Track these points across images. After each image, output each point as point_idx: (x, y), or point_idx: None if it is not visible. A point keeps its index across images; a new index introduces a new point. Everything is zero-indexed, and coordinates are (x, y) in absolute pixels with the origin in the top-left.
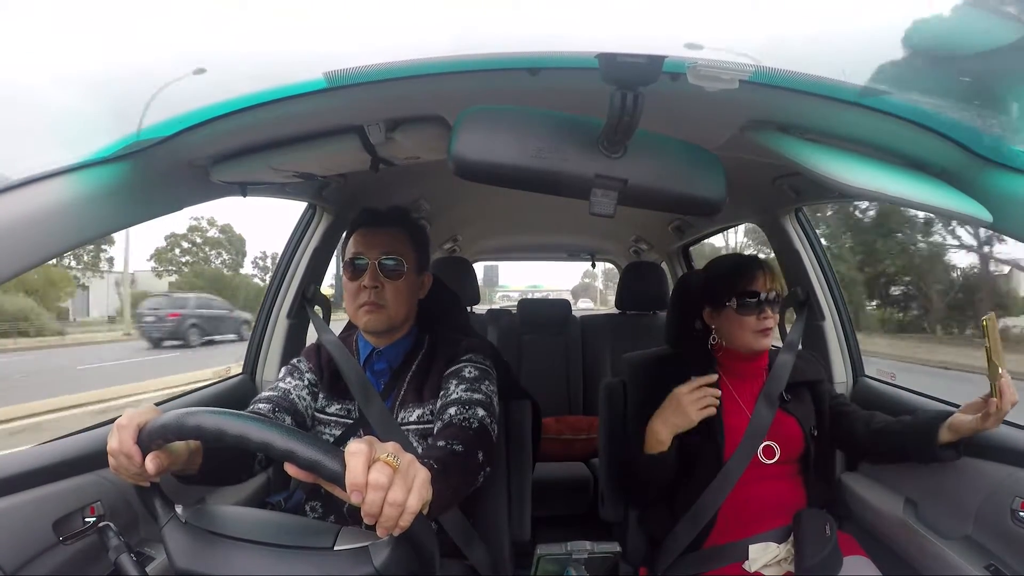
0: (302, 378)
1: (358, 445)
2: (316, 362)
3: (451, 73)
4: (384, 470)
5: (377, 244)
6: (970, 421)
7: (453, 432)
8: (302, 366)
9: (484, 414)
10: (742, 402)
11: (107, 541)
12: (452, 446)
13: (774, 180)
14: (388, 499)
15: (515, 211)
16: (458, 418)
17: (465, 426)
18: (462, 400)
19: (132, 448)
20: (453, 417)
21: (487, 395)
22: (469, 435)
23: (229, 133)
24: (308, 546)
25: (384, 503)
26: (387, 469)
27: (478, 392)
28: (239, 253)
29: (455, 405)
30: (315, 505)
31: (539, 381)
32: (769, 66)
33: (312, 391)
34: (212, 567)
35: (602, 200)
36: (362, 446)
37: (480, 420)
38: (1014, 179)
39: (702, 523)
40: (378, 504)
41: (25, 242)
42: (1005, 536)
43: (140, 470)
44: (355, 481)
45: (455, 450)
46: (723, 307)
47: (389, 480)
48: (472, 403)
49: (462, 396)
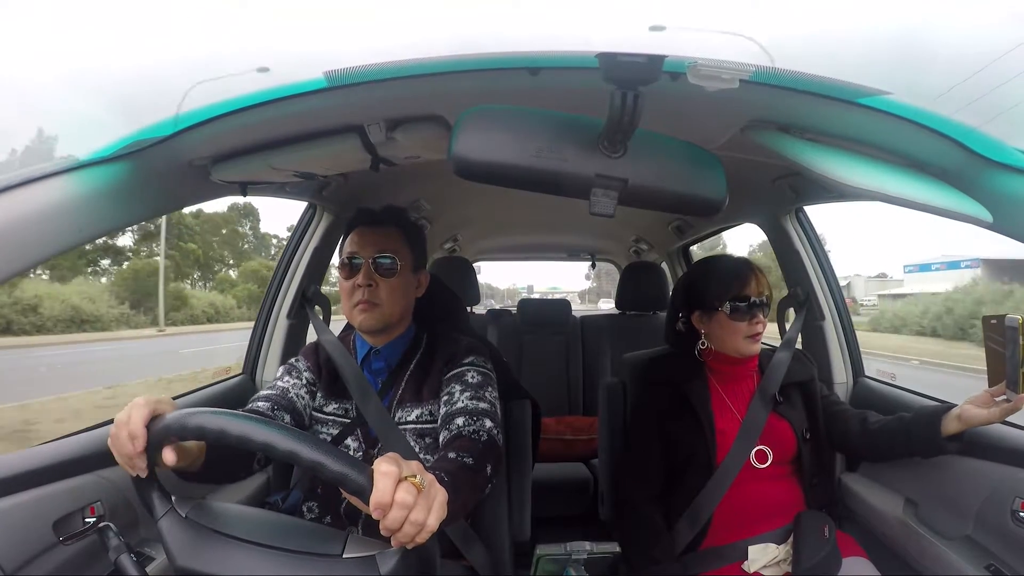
0: (300, 377)
1: (388, 466)
2: (314, 361)
3: (451, 73)
4: (410, 490)
5: (371, 243)
6: (984, 414)
7: (463, 445)
8: (300, 365)
9: (491, 425)
10: (733, 405)
11: (107, 541)
12: (463, 459)
13: (774, 180)
14: (410, 518)
15: (515, 211)
16: (467, 430)
17: (475, 439)
18: (468, 409)
19: (140, 429)
20: (462, 429)
21: (492, 403)
22: (479, 448)
23: (229, 133)
24: (317, 552)
25: (406, 521)
26: (413, 490)
27: (483, 400)
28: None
29: (462, 415)
30: (312, 506)
31: (539, 381)
32: (769, 66)
33: (310, 390)
34: (215, 567)
35: (602, 200)
36: (392, 467)
37: (488, 432)
38: (1014, 179)
39: (699, 526)
40: (400, 521)
41: (25, 242)
42: (1005, 536)
43: (136, 456)
44: (382, 500)
45: (466, 463)
46: (715, 312)
47: (414, 500)
48: (479, 413)
49: (468, 405)
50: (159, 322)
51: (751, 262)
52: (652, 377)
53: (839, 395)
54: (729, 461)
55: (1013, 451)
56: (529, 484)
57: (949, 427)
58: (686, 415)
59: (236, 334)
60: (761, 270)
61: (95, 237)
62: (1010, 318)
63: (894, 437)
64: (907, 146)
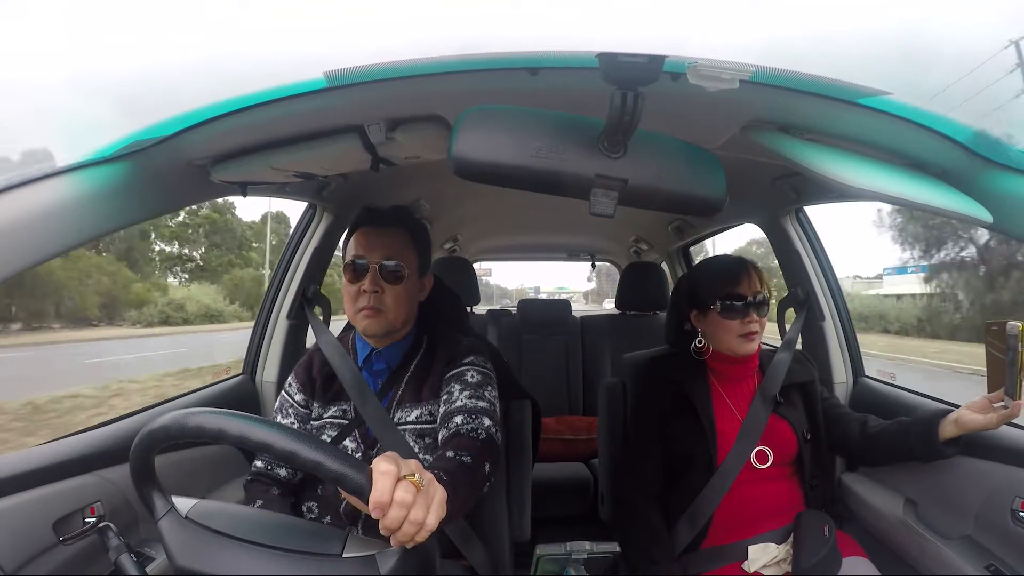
0: (292, 407)
1: (387, 465)
2: (306, 376)
3: (451, 73)
4: (409, 489)
5: (378, 246)
6: (981, 420)
7: (461, 443)
8: (291, 390)
9: (490, 423)
10: (733, 405)
11: (107, 541)
12: (461, 457)
13: (774, 180)
14: (410, 517)
15: (515, 211)
16: (465, 428)
17: (473, 437)
18: (467, 408)
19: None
20: (460, 427)
21: (491, 402)
22: (477, 446)
23: (229, 133)
24: (316, 552)
25: (405, 520)
26: (412, 488)
27: (482, 399)
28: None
29: (461, 414)
30: (312, 506)
31: (539, 381)
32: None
33: (303, 414)
34: (215, 567)
35: (602, 200)
36: (390, 466)
37: (487, 430)
38: (1014, 179)
39: (699, 526)
40: (399, 520)
41: (25, 242)
42: (1005, 536)
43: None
44: (380, 500)
45: (464, 462)
46: (707, 310)
47: (413, 499)
48: (478, 412)
49: (467, 404)
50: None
51: (747, 261)
52: (654, 376)
53: (839, 395)
54: (730, 461)
55: (1013, 451)
56: (529, 484)
57: (946, 432)
58: (687, 415)
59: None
60: (758, 269)
61: (95, 237)
62: (1011, 325)
63: (892, 441)
64: (907, 146)
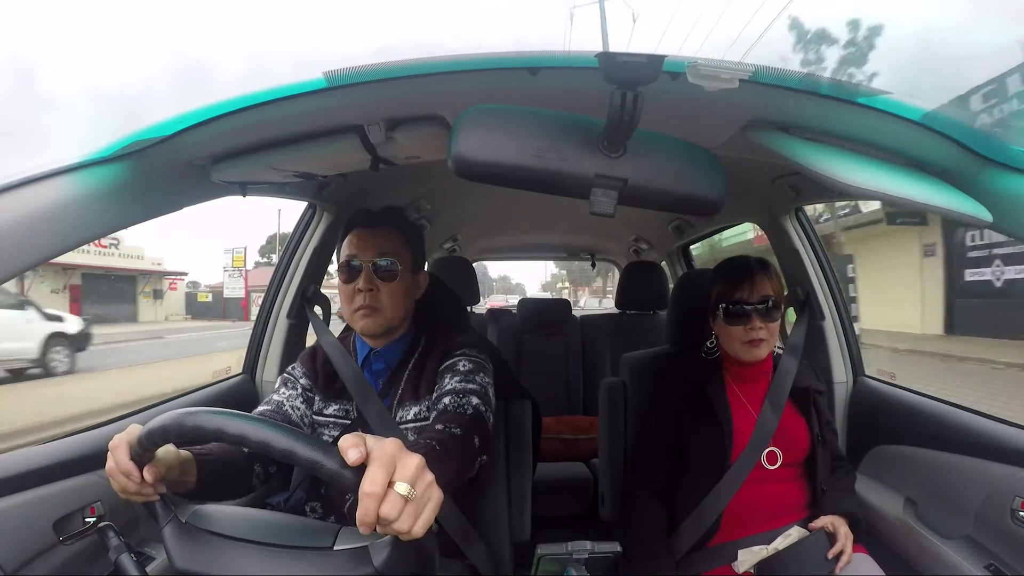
0: (296, 386)
1: (371, 486)
2: (311, 365)
3: (451, 73)
4: (395, 504)
5: (371, 245)
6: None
7: (449, 418)
8: (296, 372)
9: (479, 402)
10: (749, 405)
11: (107, 541)
12: (450, 429)
13: (774, 180)
14: (394, 528)
15: (515, 211)
16: (452, 405)
17: (460, 412)
18: (456, 390)
19: (128, 465)
20: (448, 405)
21: (482, 385)
22: (465, 420)
23: (229, 133)
24: (308, 546)
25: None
26: (399, 503)
27: (472, 383)
28: None
29: (450, 395)
30: (315, 506)
31: (539, 381)
32: (769, 66)
33: (307, 396)
34: (212, 567)
35: (602, 200)
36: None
37: (475, 407)
38: (1014, 179)
39: (706, 526)
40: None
41: (25, 242)
42: (1005, 536)
43: (140, 486)
44: (365, 521)
45: (454, 433)
46: (715, 315)
47: (398, 514)
48: (466, 392)
49: (456, 386)
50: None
51: (753, 264)
52: (671, 376)
53: (839, 394)
54: (742, 461)
55: (1013, 451)
56: (529, 484)
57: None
58: (705, 414)
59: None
60: (769, 271)
61: (95, 237)
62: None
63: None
64: (907, 146)
